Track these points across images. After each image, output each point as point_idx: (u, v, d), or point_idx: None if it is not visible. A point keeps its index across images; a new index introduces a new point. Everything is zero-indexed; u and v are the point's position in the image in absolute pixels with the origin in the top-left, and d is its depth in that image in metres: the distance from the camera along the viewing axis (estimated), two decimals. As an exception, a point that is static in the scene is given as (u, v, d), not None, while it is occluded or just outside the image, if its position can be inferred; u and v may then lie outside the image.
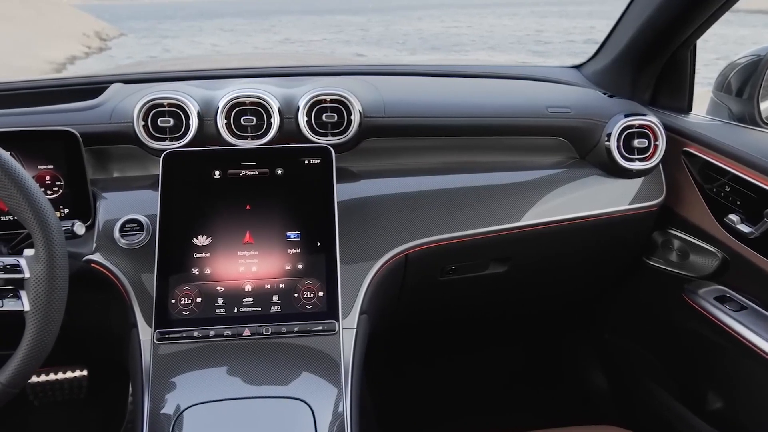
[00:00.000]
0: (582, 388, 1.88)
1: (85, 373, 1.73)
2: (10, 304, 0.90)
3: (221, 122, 1.22)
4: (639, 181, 1.35)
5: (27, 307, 0.89)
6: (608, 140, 1.31)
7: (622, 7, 1.43)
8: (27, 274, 0.90)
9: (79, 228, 1.06)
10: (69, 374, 1.73)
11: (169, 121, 1.21)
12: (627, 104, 1.38)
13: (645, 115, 1.32)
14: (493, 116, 1.33)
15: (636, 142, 1.31)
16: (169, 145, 1.21)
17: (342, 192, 1.18)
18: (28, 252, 0.92)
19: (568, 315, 1.88)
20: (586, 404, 1.85)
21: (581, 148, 1.37)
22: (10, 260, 0.91)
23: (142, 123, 1.21)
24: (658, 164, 1.33)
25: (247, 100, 1.23)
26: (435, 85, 1.49)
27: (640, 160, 1.32)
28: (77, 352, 0.92)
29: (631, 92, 1.47)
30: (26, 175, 0.90)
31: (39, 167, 1.15)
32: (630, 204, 1.34)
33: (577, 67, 1.63)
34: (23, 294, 0.90)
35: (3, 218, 1.16)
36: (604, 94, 1.46)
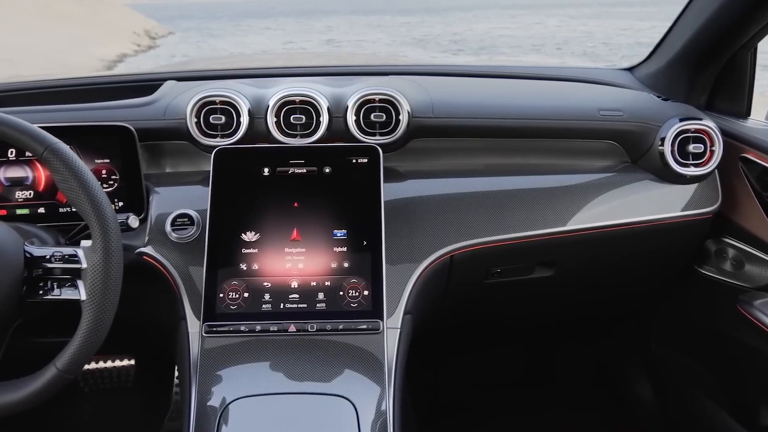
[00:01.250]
0: (627, 398, 1.84)
1: (132, 362, 1.78)
2: (67, 293, 0.93)
3: (271, 120, 1.23)
4: (693, 187, 1.31)
5: (83, 297, 0.91)
6: (662, 144, 1.28)
7: (672, 9, 1.39)
8: (84, 265, 0.92)
9: (134, 221, 1.09)
10: (117, 363, 1.78)
11: (220, 119, 1.23)
12: (682, 108, 1.35)
13: (701, 119, 1.28)
14: (542, 118, 1.31)
15: (691, 147, 1.27)
16: (220, 142, 1.23)
17: (388, 192, 1.18)
18: (86, 243, 0.95)
19: (614, 322, 1.84)
20: (631, 414, 1.81)
21: (633, 153, 1.34)
22: (68, 250, 0.95)
23: (195, 120, 1.23)
24: (713, 170, 1.29)
25: (297, 98, 1.24)
26: (483, 86, 1.48)
27: (695, 165, 1.28)
28: (126, 342, 0.95)
29: (687, 96, 1.43)
30: (86, 169, 0.93)
31: (96, 161, 1.19)
32: (683, 211, 1.30)
33: (630, 69, 1.59)
34: (80, 284, 0.93)
35: (61, 210, 1.20)
36: (658, 97, 1.42)
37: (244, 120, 1.23)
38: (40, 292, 0.95)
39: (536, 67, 1.61)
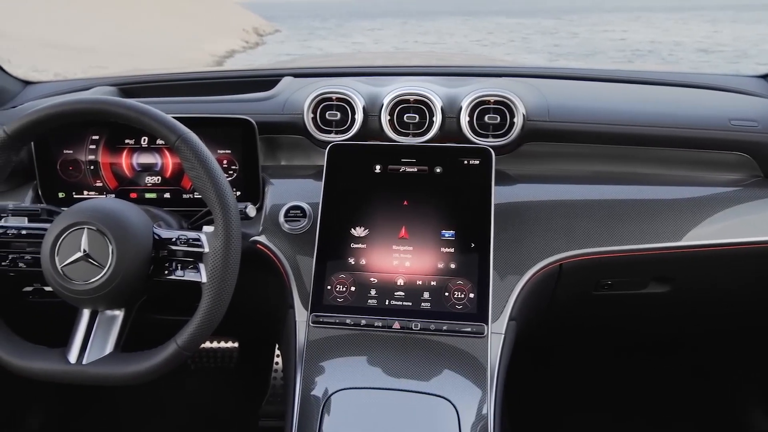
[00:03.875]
0: (741, 426, 1.71)
1: (236, 345, 1.86)
2: (190, 275, 0.99)
3: (385, 118, 1.25)
4: None
5: (204, 279, 0.96)
6: None
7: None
8: (206, 249, 0.97)
9: (251, 210, 1.13)
10: (222, 344, 1.87)
11: (336, 115, 1.26)
12: None
13: None
14: (666, 126, 1.25)
15: None
16: (334, 138, 1.26)
17: (498, 195, 1.16)
18: (208, 229, 1.00)
19: (731, 344, 1.72)
20: None
21: (767, 166, 1.25)
22: (192, 234, 1.00)
23: (312, 115, 1.27)
24: None
25: (411, 98, 1.25)
26: (602, 90, 1.43)
27: None
28: (233, 326, 0.98)
29: None
30: (213, 158, 0.98)
31: (219, 151, 1.25)
32: None
33: (765, 76, 1.48)
34: (201, 267, 0.97)
35: (185, 196, 1.27)
36: None
37: (359, 117, 1.25)
38: (165, 272, 1.00)
39: (661, 72, 1.53)
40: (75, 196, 1.28)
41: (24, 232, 1.03)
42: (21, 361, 0.98)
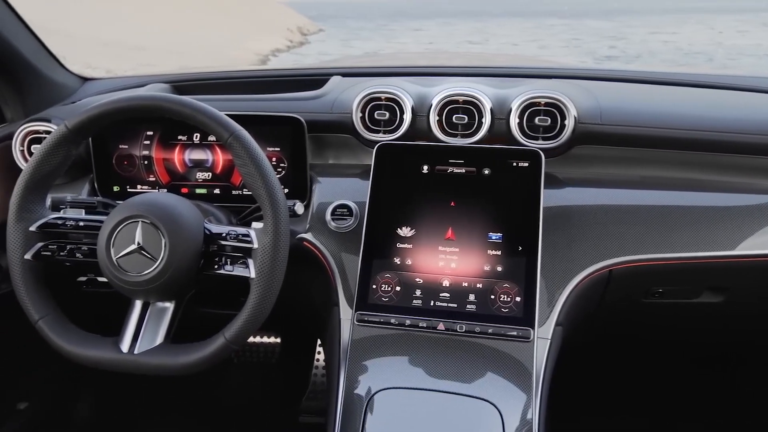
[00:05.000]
0: None
1: (278, 340, 1.88)
2: (238, 270, 1.00)
3: (433, 119, 1.24)
4: None
5: (253, 275, 0.98)
6: None
7: None
8: (255, 245, 0.98)
9: (300, 208, 1.14)
10: (265, 339, 1.89)
11: (384, 115, 1.26)
12: None
13: None
14: (726, 131, 1.21)
15: None
16: (382, 138, 1.26)
17: (547, 198, 1.14)
18: (257, 225, 1.02)
19: None
20: None
21: None
22: (242, 230, 1.01)
23: (360, 114, 1.27)
24: None
25: (461, 98, 1.24)
26: (656, 93, 1.39)
27: None
28: (276, 321, 1.00)
29: None
30: (264, 156, 0.99)
31: (268, 149, 1.26)
32: None
33: None
34: (250, 262, 0.99)
35: (234, 192, 1.30)
36: None
37: (407, 117, 1.25)
38: (215, 266, 1.02)
39: (720, 76, 1.48)
40: (129, 190, 1.32)
41: (81, 223, 1.06)
42: (76, 349, 1.01)
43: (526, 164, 1.15)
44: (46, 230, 1.04)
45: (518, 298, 1.08)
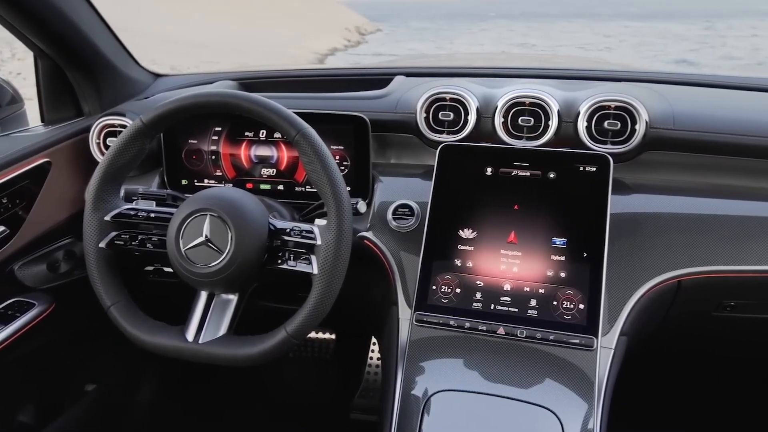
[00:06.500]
0: None
1: (333, 336, 1.90)
2: (301, 266, 1.01)
3: (498, 120, 1.23)
4: None
5: (315, 271, 0.99)
6: None
7: None
8: (319, 242, 0.99)
9: (362, 206, 1.15)
10: (321, 335, 1.91)
11: (449, 115, 1.25)
12: None
13: None
14: None
15: None
16: (446, 138, 1.25)
17: (614, 204, 1.11)
18: (320, 222, 1.03)
19: None
20: None
21: None
22: (306, 227, 1.02)
23: (424, 115, 1.27)
24: None
25: (527, 100, 1.22)
26: (733, 99, 1.34)
27: None
28: (332, 318, 1.00)
29: None
30: (330, 154, 1.00)
31: (331, 147, 1.28)
32: None
33: None
34: (313, 258, 1.00)
35: (297, 188, 1.31)
36: None
37: (472, 118, 1.24)
38: (278, 261, 1.03)
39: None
40: (196, 184, 1.35)
41: (152, 215, 1.09)
42: (145, 335, 1.04)
43: (594, 169, 1.12)
44: (120, 220, 1.08)
45: (581, 306, 1.05)
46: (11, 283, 1.28)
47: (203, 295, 1.05)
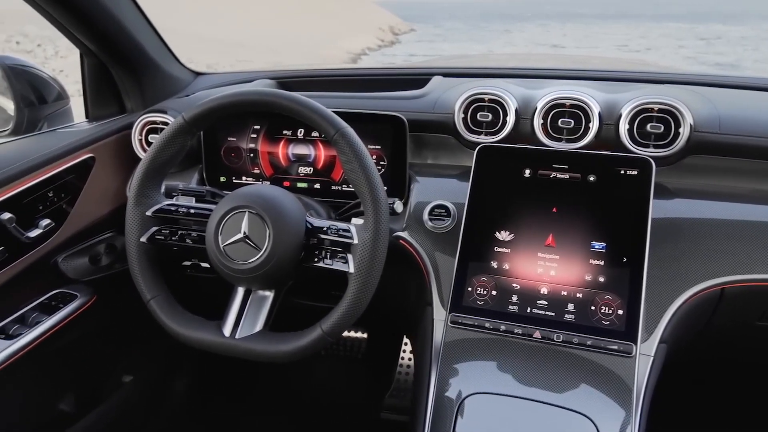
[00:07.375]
0: None
1: (365, 335, 1.90)
2: (338, 265, 1.01)
3: (538, 122, 1.22)
4: None
5: (352, 270, 0.99)
6: None
7: None
8: (355, 240, 1.00)
9: (399, 206, 1.15)
10: (353, 334, 1.92)
11: (487, 116, 1.25)
12: None
13: None
14: None
15: None
16: (484, 139, 1.24)
17: (655, 208, 1.09)
18: (357, 221, 1.03)
19: None
20: None
21: None
22: (342, 225, 1.03)
23: (462, 115, 1.26)
24: None
25: (567, 102, 1.20)
26: None
27: None
28: (366, 317, 1.00)
29: None
30: (368, 153, 1.00)
31: (369, 146, 1.28)
32: None
33: None
34: (350, 257, 1.00)
35: (333, 187, 1.32)
36: None
37: (510, 119, 1.23)
38: (315, 259, 1.04)
39: None
40: (234, 181, 1.37)
41: (192, 211, 1.11)
42: (183, 329, 1.06)
43: (635, 172, 1.10)
44: (160, 215, 1.10)
45: (620, 311, 1.03)
46: (55, 275, 1.31)
47: (240, 291, 1.06)
